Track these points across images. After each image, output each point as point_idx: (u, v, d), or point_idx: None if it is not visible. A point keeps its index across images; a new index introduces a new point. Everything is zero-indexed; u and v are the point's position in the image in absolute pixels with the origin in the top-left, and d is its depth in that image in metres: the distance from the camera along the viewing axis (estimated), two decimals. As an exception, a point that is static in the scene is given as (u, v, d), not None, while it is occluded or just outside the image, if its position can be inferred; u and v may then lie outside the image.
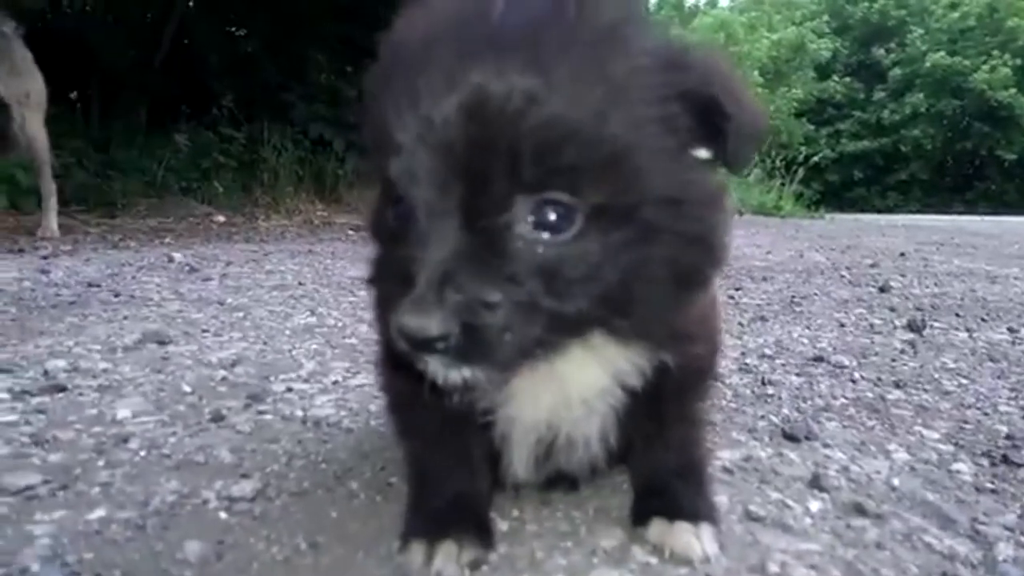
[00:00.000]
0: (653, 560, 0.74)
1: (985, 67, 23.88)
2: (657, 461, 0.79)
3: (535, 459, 0.77)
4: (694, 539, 0.74)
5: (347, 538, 0.78)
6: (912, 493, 0.96)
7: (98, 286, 2.66)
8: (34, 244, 4.04)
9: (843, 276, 3.90)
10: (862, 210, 21.36)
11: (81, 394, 1.30)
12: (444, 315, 0.54)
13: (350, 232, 6.01)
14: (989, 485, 1.00)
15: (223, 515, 0.84)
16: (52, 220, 4.44)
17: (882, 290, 3.26)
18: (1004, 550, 0.80)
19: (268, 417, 1.21)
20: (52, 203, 4.42)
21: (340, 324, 2.08)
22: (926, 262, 4.98)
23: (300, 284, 2.94)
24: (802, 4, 27.42)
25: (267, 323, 2.05)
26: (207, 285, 2.81)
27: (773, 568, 0.73)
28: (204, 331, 1.90)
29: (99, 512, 0.84)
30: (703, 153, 0.60)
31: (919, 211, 21.81)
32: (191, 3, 7.89)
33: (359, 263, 3.74)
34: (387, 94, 0.58)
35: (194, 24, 7.98)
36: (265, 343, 1.79)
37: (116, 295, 2.45)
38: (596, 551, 0.76)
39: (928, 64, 24.84)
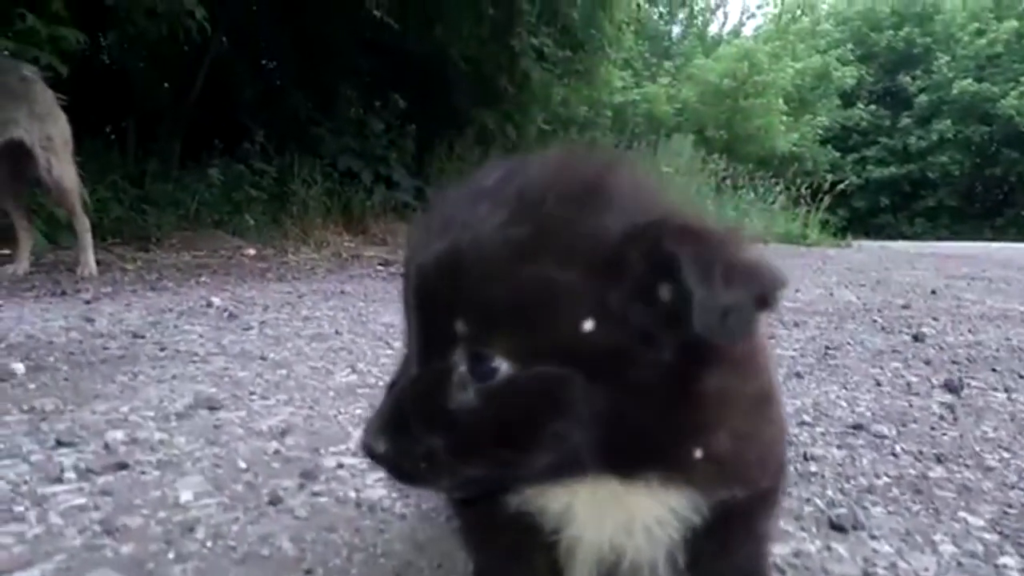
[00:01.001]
0: None
1: (1014, 93, 23.66)
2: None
3: (596, 569, 0.80)
4: (755, 660, 0.76)
5: (415, 649, 0.82)
6: (962, 596, 0.97)
7: (143, 337, 2.73)
8: (75, 285, 4.16)
9: (875, 321, 3.88)
10: (889, 236, 21.15)
11: (143, 472, 1.35)
12: (386, 439, 0.65)
13: (379, 268, 6.11)
14: (1038, 585, 1.01)
15: (295, 620, 0.88)
16: (90, 258, 4.57)
17: (916, 339, 3.24)
18: (1060, 670, 0.80)
19: (323, 500, 1.25)
20: (87, 241, 4.54)
21: (381, 383, 2.12)
22: (958, 302, 4.93)
23: (337, 333, 3.00)
24: (826, 33, 27.45)
25: (310, 382, 2.11)
26: (247, 335, 2.88)
27: None
28: (251, 393, 1.95)
29: (176, 615, 0.88)
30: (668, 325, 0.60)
31: (948, 238, 21.52)
32: (225, 39, 8.12)
33: (392, 306, 3.80)
34: (407, 263, 0.70)
35: (228, 59, 8.21)
36: (311, 407, 1.83)
37: (162, 349, 2.52)
38: (658, 669, 0.78)
39: (956, 91, 24.69)
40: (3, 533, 1.08)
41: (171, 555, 1.04)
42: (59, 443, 1.47)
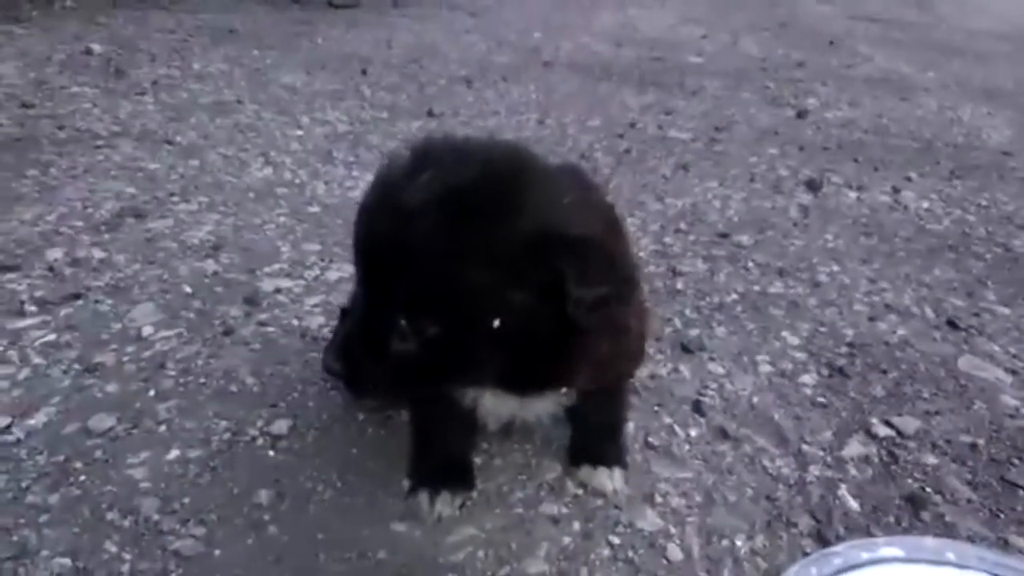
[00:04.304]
0: (580, 492, 1.10)
1: None
2: (589, 426, 1.12)
3: (501, 423, 1.09)
4: (608, 481, 1.10)
5: (369, 475, 1.10)
6: (765, 411, 1.34)
7: (32, 106, 2.61)
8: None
9: (768, 87, 4.08)
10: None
11: (97, 301, 1.49)
12: (341, 364, 0.86)
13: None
14: (821, 399, 1.39)
15: (271, 453, 1.13)
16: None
17: (799, 116, 3.49)
18: (813, 471, 1.19)
19: (271, 330, 1.45)
20: None
21: (298, 181, 2.21)
22: (851, 58, 5.12)
23: (239, 102, 2.94)
24: None
25: (226, 179, 2.17)
26: (144, 105, 2.79)
27: (658, 498, 1.10)
28: (172, 195, 2.02)
29: (175, 452, 1.12)
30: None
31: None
32: None
33: (291, 59, 3.64)
34: (356, 226, 0.86)
35: None
36: (235, 214, 1.94)
37: (60, 127, 2.44)
38: (543, 485, 1.11)
39: None
40: (-6, 377, 1.24)
41: (152, 392, 1.25)
42: (3, 267, 1.56)
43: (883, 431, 1.30)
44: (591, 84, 3.85)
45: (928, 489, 1.17)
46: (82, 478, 1.06)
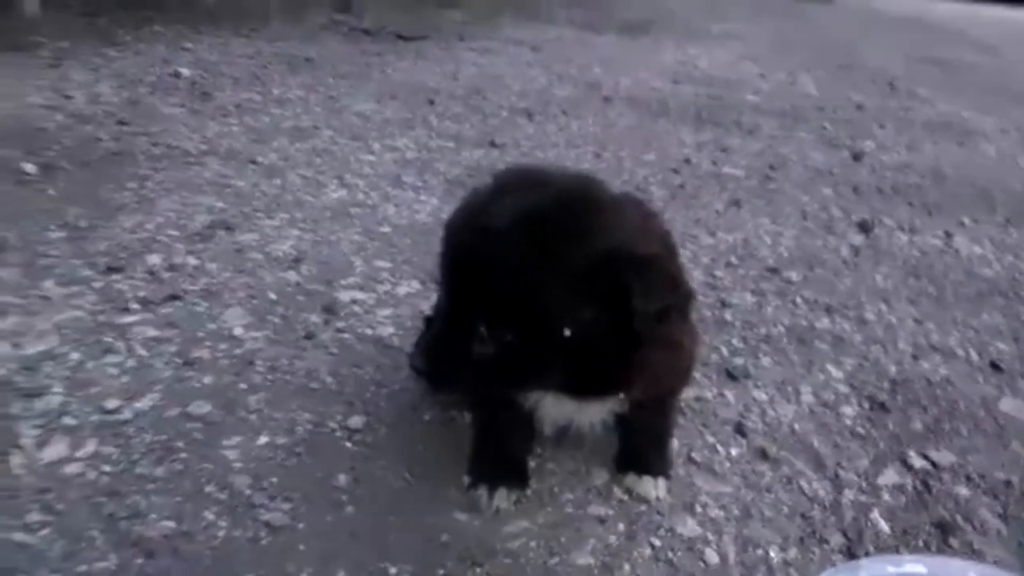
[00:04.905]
0: (626, 497, 1.19)
1: None
2: (637, 436, 1.22)
3: (556, 427, 1.19)
4: (652, 488, 1.19)
5: (434, 469, 1.21)
6: (805, 437, 1.41)
7: (128, 124, 2.84)
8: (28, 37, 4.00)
9: (825, 128, 4.13)
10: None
11: (194, 303, 1.65)
12: (425, 362, 1.00)
13: (337, 19, 5.87)
14: (860, 430, 1.45)
15: (348, 444, 1.26)
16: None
17: (855, 158, 3.53)
18: (848, 495, 1.26)
19: (347, 336, 1.59)
20: None
21: (370, 202, 2.37)
22: (911, 102, 5.14)
23: (315, 128, 3.13)
24: None
25: (305, 198, 2.34)
26: (230, 127, 3.01)
27: (698, 508, 1.19)
28: (257, 211, 2.19)
29: (264, 438, 1.25)
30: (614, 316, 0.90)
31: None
32: None
33: (363, 88, 3.84)
34: (445, 243, 1.00)
35: None
36: (313, 231, 2.11)
37: (153, 144, 2.66)
38: (591, 489, 1.21)
39: None
40: (106, 364, 1.40)
41: (243, 386, 1.39)
42: (109, 269, 1.74)
43: (919, 463, 1.35)
44: (648, 120, 3.96)
45: (959, 518, 1.22)
46: (183, 455, 1.20)
